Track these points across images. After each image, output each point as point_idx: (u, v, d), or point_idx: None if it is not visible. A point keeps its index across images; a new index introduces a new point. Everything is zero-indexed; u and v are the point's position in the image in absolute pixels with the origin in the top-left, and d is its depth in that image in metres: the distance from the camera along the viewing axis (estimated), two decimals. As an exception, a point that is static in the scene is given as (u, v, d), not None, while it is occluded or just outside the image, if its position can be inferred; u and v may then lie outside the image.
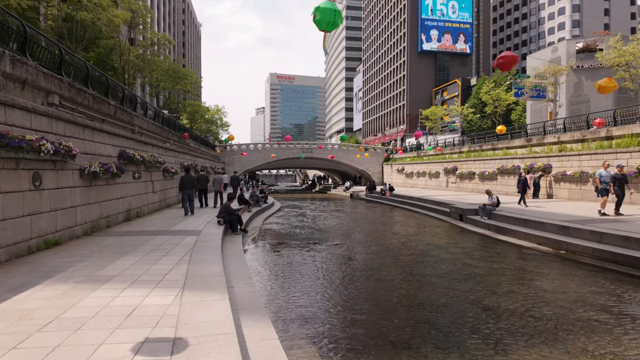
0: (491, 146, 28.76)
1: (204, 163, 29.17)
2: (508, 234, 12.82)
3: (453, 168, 31.44)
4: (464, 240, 12.65)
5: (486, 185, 27.34)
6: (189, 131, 26.72)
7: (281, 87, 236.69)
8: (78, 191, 8.74)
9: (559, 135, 22.35)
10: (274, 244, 11.38)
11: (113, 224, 10.72)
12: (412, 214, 20.91)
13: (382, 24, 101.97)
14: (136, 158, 12.14)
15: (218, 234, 9.66)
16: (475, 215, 16.53)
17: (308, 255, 9.92)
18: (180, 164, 19.98)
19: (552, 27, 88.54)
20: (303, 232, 14.68)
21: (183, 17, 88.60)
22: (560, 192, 20.81)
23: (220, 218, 11.37)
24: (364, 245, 11.71)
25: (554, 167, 21.34)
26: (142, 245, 7.73)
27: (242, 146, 46.12)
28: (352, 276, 7.96)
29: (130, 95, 15.89)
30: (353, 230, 15.07)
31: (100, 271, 5.61)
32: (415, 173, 39.03)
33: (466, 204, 18.86)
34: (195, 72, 35.53)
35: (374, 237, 13.36)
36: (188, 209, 13.64)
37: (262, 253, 10.05)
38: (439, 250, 10.83)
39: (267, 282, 7.29)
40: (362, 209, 25.52)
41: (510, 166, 24.63)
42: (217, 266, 6.05)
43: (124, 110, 14.02)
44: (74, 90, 10.20)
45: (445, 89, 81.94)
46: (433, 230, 14.98)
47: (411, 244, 11.90)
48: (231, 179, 21.25)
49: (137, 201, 12.96)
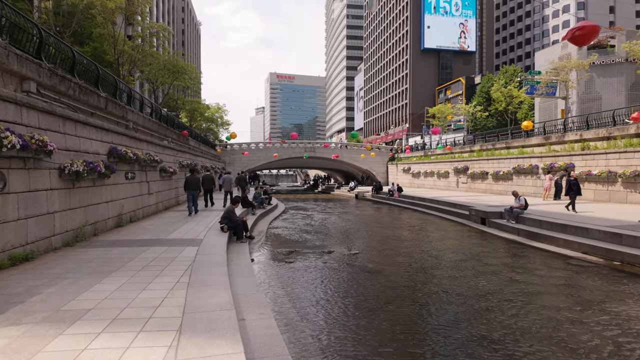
0: (505, 145, 27.45)
1: (204, 162, 27.82)
2: (544, 241, 11.50)
3: (464, 168, 30.11)
4: (495, 247, 11.32)
5: (500, 186, 26.04)
6: (188, 129, 25.38)
7: (281, 86, 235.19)
8: (57, 195, 7.39)
9: (581, 132, 21.03)
10: (284, 254, 10.03)
11: (101, 231, 9.38)
12: (426, 217, 19.58)
13: (384, 22, 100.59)
14: (129, 156, 10.80)
15: (221, 243, 8.32)
16: (500, 219, 15.21)
17: (326, 269, 8.58)
18: (179, 163, 18.64)
19: (557, 25, 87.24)
20: (313, 237, 13.34)
21: (182, 15, 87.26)
22: (585, 193, 19.46)
23: (223, 224, 10.03)
24: (385, 254, 10.38)
25: (577, 166, 20.04)
26: (131, 261, 6.39)
27: (243, 145, 44.77)
28: (386, 299, 6.63)
29: (124, 87, 14.55)
30: (367, 236, 13.74)
31: (71, 302, 4.26)
32: (423, 173, 37.70)
33: (486, 205, 17.56)
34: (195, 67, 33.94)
35: (393, 244, 12.02)
36: (192, 209, 13.82)
37: (273, 266, 8.70)
38: (472, 261, 9.50)
39: (285, 308, 5.94)
40: (371, 211, 24.19)
41: (527, 165, 23.31)
42: (224, 292, 4.71)
43: (117, 104, 12.68)
44: (55, 78, 8.85)
45: (448, 87, 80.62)
46: (455, 236, 13.65)
47: (438, 253, 10.56)
48: (237, 179, 19.87)
49: (130, 204, 11.62)
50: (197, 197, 14.13)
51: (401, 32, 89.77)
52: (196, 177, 14.46)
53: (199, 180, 14.62)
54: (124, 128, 12.66)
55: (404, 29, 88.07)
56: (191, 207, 13.77)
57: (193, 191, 13.83)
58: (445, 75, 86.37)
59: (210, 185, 16.57)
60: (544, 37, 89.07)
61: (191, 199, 13.78)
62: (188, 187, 13.82)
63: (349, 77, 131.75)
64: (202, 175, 17.55)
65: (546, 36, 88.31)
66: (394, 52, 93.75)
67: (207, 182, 16.30)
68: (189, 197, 13.83)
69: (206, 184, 16.20)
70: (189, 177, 13.94)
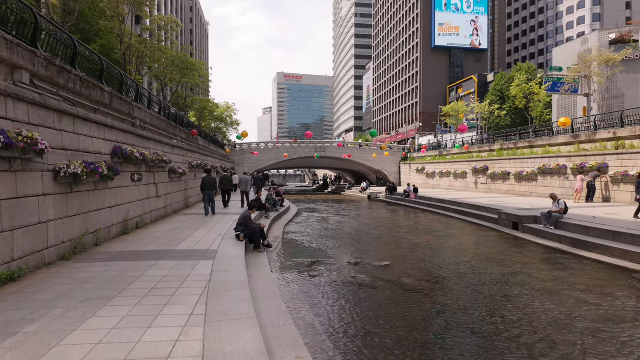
0: (528, 144, 26.11)
1: (214, 162, 26.90)
2: (594, 250, 10.28)
3: (483, 168, 28.80)
4: (539, 258, 10.14)
5: (524, 187, 24.74)
6: (197, 128, 24.45)
7: (288, 86, 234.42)
8: (51, 200, 6.41)
9: (615, 130, 19.67)
10: (307, 265, 8.96)
11: (104, 240, 8.40)
12: (449, 221, 18.39)
13: (393, 19, 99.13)
14: (135, 156, 9.82)
15: (239, 256, 7.27)
16: (535, 224, 14.01)
17: (357, 286, 7.49)
18: (189, 163, 17.70)
19: (571, 21, 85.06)
20: (334, 244, 12.26)
21: (191, 15, 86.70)
22: (621, 195, 18.16)
23: (239, 232, 9.00)
24: (419, 267, 9.25)
25: (611, 166, 18.70)
26: (136, 281, 5.36)
27: (253, 145, 43.88)
28: (438, 327, 5.53)
29: (130, 83, 13.62)
30: (393, 243, 12.62)
31: (53, 351, 3.24)
32: (438, 173, 36.42)
33: (516, 209, 16.33)
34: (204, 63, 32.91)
35: (424, 253, 10.89)
36: (209, 209, 14.03)
37: (297, 282, 7.62)
38: (520, 275, 8.35)
39: (322, 343, 4.86)
40: (388, 213, 23.04)
41: (554, 165, 21.98)
42: (252, 331, 3.66)
43: (123, 100, 11.73)
44: (53, 69, 7.89)
45: (460, 85, 78.97)
46: (489, 243, 12.47)
47: (477, 264, 9.42)
48: (255, 180, 19.41)
49: (136, 209, 10.65)
50: (214, 197, 14.25)
51: (411, 29, 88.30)
52: (212, 177, 14.57)
53: (215, 181, 14.69)
54: (130, 126, 11.71)
55: (414, 27, 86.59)
56: (207, 208, 14.00)
57: (210, 191, 13.99)
58: (456, 74, 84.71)
59: (228, 185, 16.93)
60: (557, 34, 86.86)
61: (207, 199, 13.99)
62: (205, 187, 13.99)
63: (358, 76, 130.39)
64: (221, 176, 18.13)
65: (560, 33, 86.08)
66: (403, 50, 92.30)
67: (225, 183, 16.71)
68: (206, 197, 14.03)
69: (224, 184, 16.60)
70: (205, 178, 14.06)
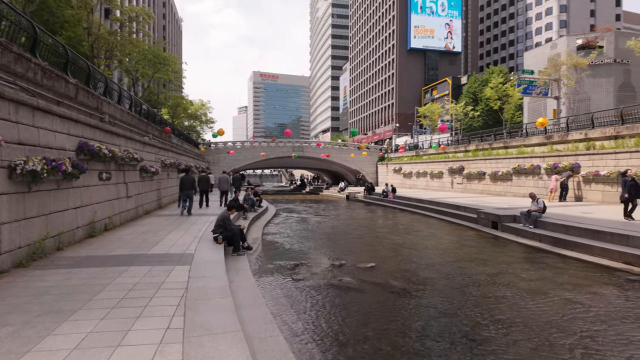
0: (503, 144, 26.62)
1: (188, 161, 25.97)
2: (575, 249, 10.37)
3: (459, 168, 29.17)
4: (522, 257, 10.13)
5: (499, 187, 25.18)
6: (171, 126, 23.49)
7: (264, 85, 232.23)
8: (5, 201, 5.73)
9: (586, 131, 20.26)
10: (290, 268, 8.54)
11: (68, 244, 7.69)
12: (429, 220, 18.38)
13: (369, 21, 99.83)
14: (103, 153, 9.11)
15: (218, 260, 6.78)
16: (514, 223, 14.12)
17: (343, 289, 7.14)
18: (162, 162, 16.89)
19: (540, 27, 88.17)
20: (315, 245, 11.89)
21: (164, 10, 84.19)
22: (592, 195, 18.69)
23: (217, 234, 8.48)
24: (405, 268, 9.00)
25: (583, 166, 19.23)
26: (103, 290, 4.80)
27: (229, 144, 42.90)
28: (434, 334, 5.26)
29: (99, 76, 12.79)
30: (376, 243, 12.37)
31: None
32: (415, 173, 36.72)
33: (494, 208, 16.48)
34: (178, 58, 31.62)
35: (408, 254, 10.68)
36: (184, 209, 13.87)
37: (281, 287, 7.17)
38: (507, 275, 8.24)
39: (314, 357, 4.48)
40: (367, 213, 22.88)
41: (528, 165, 22.45)
42: (237, 347, 3.23)
43: (90, 93, 10.96)
44: (9, 56, 7.16)
45: (435, 87, 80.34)
46: (471, 243, 12.43)
47: (463, 264, 9.28)
48: (233, 179, 19.06)
49: (105, 210, 9.91)
50: (192, 197, 14.07)
51: (387, 31, 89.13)
52: (191, 177, 14.38)
53: (194, 181, 14.46)
54: (99, 121, 10.93)
55: (390, 29, 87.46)
56: (182, 207, 13.90)
57: (188, 191, 13.81)
58: (431, 76, 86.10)
59: (206, 186, 16.74)
60: (527, 39, 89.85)
61: (184, 199, 13.85)
62: (183, 187, 13.79)
63: (334, 77, 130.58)
64: (199, 175, 17.58)
65: (529, 38, 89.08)
66: (380, 52, 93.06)
67: (203, 183, 16.49)
68: (183, 197, 13.87)
69: (202, 184, 16.37)
70: (183, 177, 13.88)
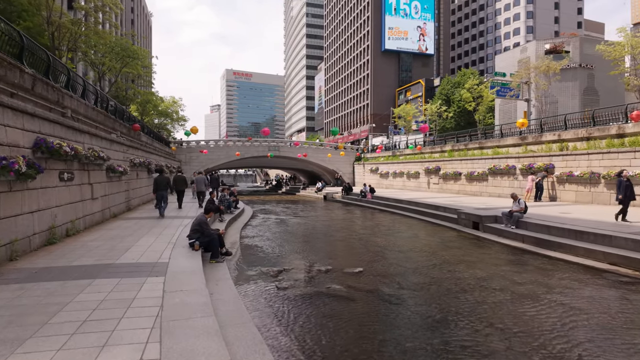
0: (478, 145, 26.97)
1: (158, 161, 24.79)
2: (558, 249, 10.34)
3: (436, 168, 29.38)
4: (507, 259, 9.99)
5: (475, 187, 25.47)
6: (140, 123, 22.28)
7: (238, 84, 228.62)
8: (-57, 206, 4.89)
9: (559, 132, 20.72)
10: (274, 275, 7.97)
11: (23, 253, 6.82)
12: (409, 221, 18.23)
13: (344, 21, 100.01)
14: (64, 151, 8.22)
15: (196, 269, 6.13)
16: (495, 223, 14.10)
17: (332, 298, 6.66)
18: (131, 161, 15.88)
19: (508, 32, 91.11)
20: (297, 248, 11.37)
21: (132, 4, 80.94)
22: (565, 195, 19.09)
23: (194, 239, 7.80)
24: (393, 272, 8.63)
25: (557, 167, 19.63)
26: (60, 311, 4.10)
27: (202, 143, 41.56)
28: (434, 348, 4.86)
29: (61, 67, 11.74)
30: (360, 246, 11.97)
31: None
32: (392, 173, 36.78)
33: (474, 208, 16.48)
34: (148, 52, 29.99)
35: (394, 257, 10.33)
36: (163, 211, 13.52)
37: (266, 297, 6.60)
38: (498, 279, 8.02)
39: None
40: (347, 214, 22.54)
41: (504, 166, 22.78)
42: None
43: (50, 85, 9.97)
44: (-50, 38, 6.24)
45: (408, 89, 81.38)
46: (455, 244, 12.26)
47: (451, 268, 9.02)
48: (211, 180, 18.46)
49: (67, 213, 9.00)
50: (167, 198, 13.81)
51: (362, 32, 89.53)
52: (165, 177, 14.08)
53: (168, 181, 14.18)
54: (60, 116, 9.97)
55: (365, 30, 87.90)
56: (161, 208, 13.52)
57: (163, 192, 13.51)
58: (405, 77, 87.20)
59: (182, 186, 16.39)
60: (496, 43, 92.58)
61: (160, 199, 13.53)
62: (158, 187, 13.45)
63: (309, 77, 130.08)
64: (174, 175, 17.28)
65: (499, 42, 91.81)
66: (354, 53, 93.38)
67: (179, 183, 16.16)
68: (159, 197, 13.53)
69: (178, 184, 16.03)
70: (158, 178, 13.54)
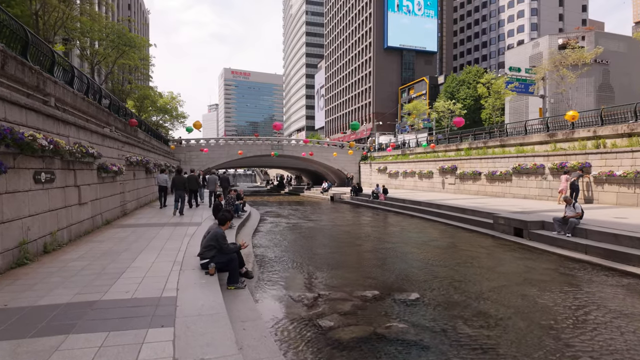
0: (500, 142, 25.24)
1: (157, 159, 22.94)
2: (638, 263, 8.62)
3: (452, 167, 27.65)
4: (586, 279, 8.24)
5: (496, 187, 23.74)
6: (138, 119, 20.40)
7: (236, 83, 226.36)
8: None
9: (595, 128, 19.01)
10: (309, 305, 6.15)
11: (-23, 281, 5.02)
12: (434, 226, 16.47)
13: (345, 18, 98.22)
14: (39, 144, 6.41)
15: (218, 311, 4.32)
16: (542, 230, 12.39)
17: (405, 348, 4.86)
18: (127, 159, 14.04)
19: (512, 29, 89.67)
20: (323, 263, 9.56)
21: (129, 1, 78.75)
22: (605, 196, 17.39)
23: (207, 259, 5.99)
24: (459, 302, 6.77)
25: (594, 166, 17.93)
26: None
27: (201, 141, 39.68)
28: None
29: (45, 48, 9.90)
30: (396, 259, 10.18)
31: None
32: (402, 173, 35.04)
33: (511, 212, 14.76)
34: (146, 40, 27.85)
35: (448, 277, 8.50)
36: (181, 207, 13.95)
37: (311, 346, 4.81)
38: (600, 310, 6.28)
39: None
40: (361, 217, 20.75)
41: (531, 165, 21.05)
42: None
43: (27, 67, 8.14)
44: None
45: (412, 87, 79.73)
46: (505, 256, 10.50)
47: (525, 292, 7.26)
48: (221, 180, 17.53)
49: (44, 224, 7.19)
50: (184, 197, 14.21)
51: (364, 29, 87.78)
52: (182, 177, 14.56)
53: (185, 181, 14.53)
54: (41, 103, 8.13)
55: (367, 26, 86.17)
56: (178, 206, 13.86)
57: (180, 191, 13.95)
58: (407, 75, 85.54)
59: (195, 186, 16.44)
60: (500, 40, 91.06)
61: (178, 198, 13.90)
62: (175, 187, 14.03)
63: (309, 75, 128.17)
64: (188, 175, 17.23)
65: (502, 40, 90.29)
66: (356, 50, 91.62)
67: (192, 183, 16.25)
68: (176, 197, 13.97)
69: (191, 184, 16.12)
70: (175, 177, 14.29)
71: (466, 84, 60.80)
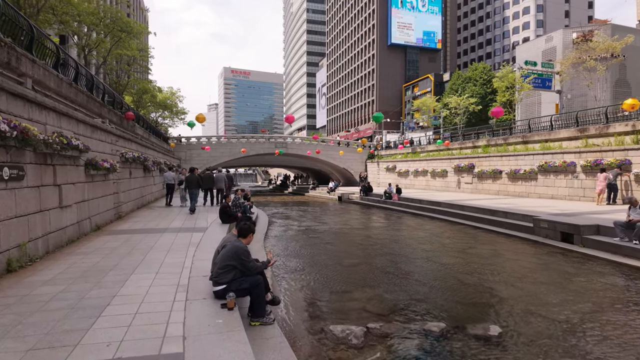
0: (522, 139, 23.62)
1: (156, 157, 21.30)
2: None
3: (468, 166, 26.01)
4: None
5: (519, 187, 22.12)
6: (136, 114, 18.74)
7: (236, 82, 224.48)
8: None
9: (634, 122, 17.42)
10: (357, 346, 4.54)
11: None
12: (462, 229, 14.83)
13: (348, 15, 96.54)
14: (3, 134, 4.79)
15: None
16: (598, 235, 10.79)
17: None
18: (121, 155, 12.39)
19: (517, 26, 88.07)
20: (357, 279, 7.93)
21: None
22: (649, 197, 15.79)
23: (223, 286, 4.38)
24: (548, 338, 5.24)
25: (634, 163, 16.35)
26: None
27: (203, 139, 38.03)
28: None
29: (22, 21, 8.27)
30: (439, 273, 8.55)
31: None
32: (412, 172, 33.41)
33: (552, 214, 13.17)
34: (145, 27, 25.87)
35: (513, 299, 6.89)
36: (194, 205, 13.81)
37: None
38: None
39: None
40: (376, 219, 19.14)
41: (559, 163, 19.41)
42: None
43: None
44: None
45: (416, 84, 78.13)
46: (561, 267, 8.89)
47: (615, 318, 5.67)
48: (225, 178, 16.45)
49: (9, 233, 5.57)
50: (197, 195, 14.12)
51: (367, 26, 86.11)
52: (196, 176, 14.54)
53: (199, 180, 14.61)
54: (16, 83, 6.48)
55: (370, 23, 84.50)
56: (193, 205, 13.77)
57: (194, 189, 13.99)
58: (411, 72, 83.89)
59: (210, 184, 16.35)
60: (504, 37, 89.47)
61: (192, 197, 13.90)
62: (189, 186, 14.10)
63: (310, 73, 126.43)
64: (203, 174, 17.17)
65: (507, 37, 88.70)
66: (359, 47, 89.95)
67: (207, 182, 16.23)
68: (191, 195, 13.97)
69: (206, 183, 16.10)
70: (188, 177, 14.33)
71: (472, 81, 59.19)
